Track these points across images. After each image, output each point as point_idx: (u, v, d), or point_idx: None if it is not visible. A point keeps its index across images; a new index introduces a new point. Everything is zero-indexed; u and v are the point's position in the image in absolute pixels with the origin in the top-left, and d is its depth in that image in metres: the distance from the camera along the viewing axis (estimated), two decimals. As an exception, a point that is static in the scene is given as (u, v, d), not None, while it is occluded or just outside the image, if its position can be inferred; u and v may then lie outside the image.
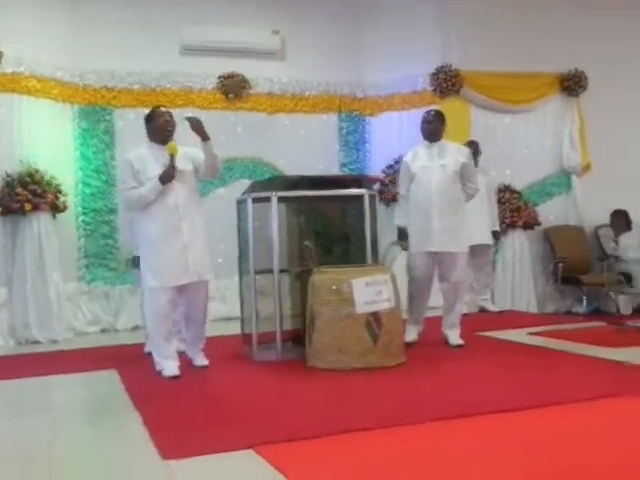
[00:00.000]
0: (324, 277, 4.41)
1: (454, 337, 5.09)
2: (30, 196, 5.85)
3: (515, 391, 3.66)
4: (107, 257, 6.67)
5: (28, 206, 5.83)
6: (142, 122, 6.65)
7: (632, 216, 7.43)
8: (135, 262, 5.10)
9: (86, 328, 6.43)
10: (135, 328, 6.44)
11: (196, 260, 4.33)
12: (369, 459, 2.72)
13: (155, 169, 4.28)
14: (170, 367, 4.28)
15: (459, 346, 5.03)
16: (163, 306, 4.27)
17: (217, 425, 3.23)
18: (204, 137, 4.35)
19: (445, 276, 5.06)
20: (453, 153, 5.05)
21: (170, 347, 4.35)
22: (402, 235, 5.08)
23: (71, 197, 6.43)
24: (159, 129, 4.37)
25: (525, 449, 2.76)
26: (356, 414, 3.30)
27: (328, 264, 4.58)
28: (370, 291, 4.30)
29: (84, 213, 6.64)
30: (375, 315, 4.29)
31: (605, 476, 2.41)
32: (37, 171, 6.03)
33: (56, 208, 6.06)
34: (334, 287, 4.34)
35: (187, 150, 4.44)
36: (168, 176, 4.25)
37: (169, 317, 4.33)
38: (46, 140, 6.33)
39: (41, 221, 5.97)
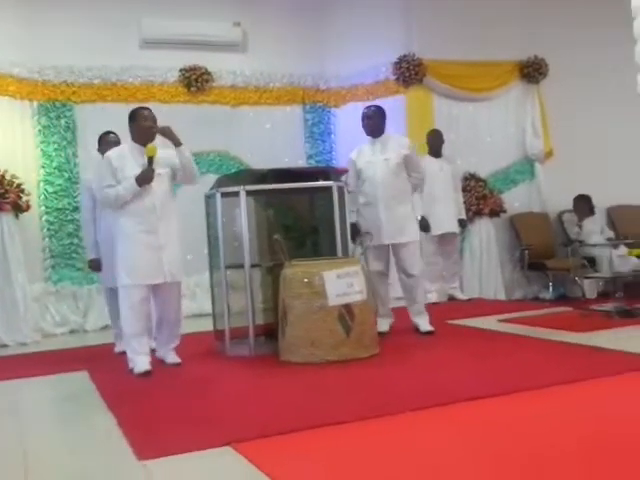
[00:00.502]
0: (295, 270, 4.40)
1: (424, 324, 5.16)
2: (-9, 196, 5.74)
3: (488, 378, 3.70)
4: (73, 257, 6.57)
5: (-11, 207, 5.72)
6: (103, 117, 6.72)
7: (594, 201, 7.54)
8: (90, 265, 5.09)
9: (54, 329, 6.32)
10: (104, 328, 6.35)
11: (170, 261, 4.37)
12: (347, 452, 2.72)
13: (133, 168, 4.29)
14: (142, 363, 4.29)
15: (430, 332, 5.09)
16: (136, 303, 4.28)
17: (192, 423, 3.20)
18: (176, 142, 4.39)
19: (401, 267, 5.15)
20: (395, 146, 5.18)
21: (142, 344, 4.36)
22: (354, 231, 5.13)
23: (34, 196, 6.31)
24: (140, 131, 4.38)
25: (501, 435, 2.79)
26: (332, 407, 3.30)
27: (298, 257, 4.57)
28: (342, 283, 4.30)
29: (47, 212, 6.52)
30: (347, 307, 4.29)
31: (578, 460, 2.44)
32: (-3, 170, 5.91)
33: (19, 208, 5.94)
34: (306, 280, 4.33)
35: (167, 153, 4.45)
36: (145, 178, 4.26)
37: (142, 314, 4.34)
38: (5, 138, 6.20)
39: (3, 221, 5.85)
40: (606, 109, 7.73)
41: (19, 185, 6.00)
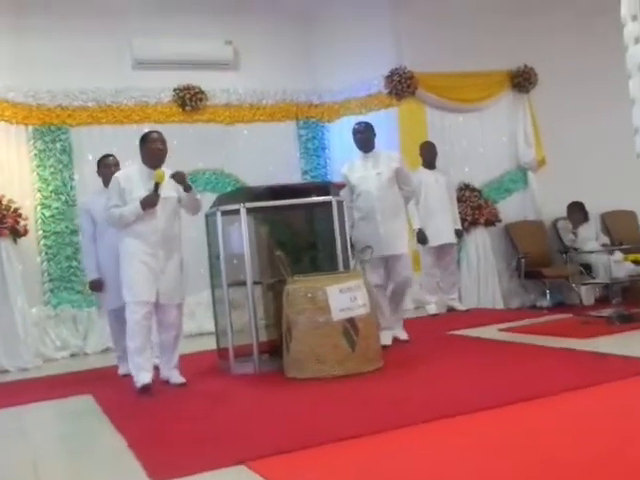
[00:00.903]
0: (298, 286, 4.41)
1: (402, 333, 5.38)
2: (-11, 222, 5.74)
3: (495, 388, 3.71)
4: (72, 280, 6.55)
5: (-12, 232, 5.71)
6: (99, 139, 6.74)
7: (588, 207, 7.60)
8: (92, 286, 5.10)
9: (55, 354, 6.29)
10: (105, 350, 6.35)
11: (164, 285, 4.42)
12: (363, 466, 2.73)
13: (140, 191, 4.37)
14: (143, 377, 4.34)
15: (405, 341, 5.33)
16: (139, 320, 4.33)
17: (204, 442, 3.20)
18: (186, 188, 4.48)
19: (393, 277, 5.25)
20: (386, 160, 5.31)
21: (144, 359, 4.40)
22: (351, 245, 5.16)
23: (31, 220, 6.31)
24: (150, 153, 4.47)
25: (512, 445, 2.80)
26: (344, 422, 3.30)
27: (300, 273, 4.58)
28: (345, 298, 4.32)
29: (45, 236, 6.52)
30: (351, 321, 4.30)
31: (589, 467, 2.45)
32: (-6, 196, 5.92)
33: (17, 232, 5.95)
34: (309, 295, 4.34)
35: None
36: (149, 203, 4.34)
37: (144, 330, 4.38)
38: (1, 163, 6.21)
39: (2, 246, 5.85)
40: (596, 116, 7.81)
41: (16, 210, 6.01)
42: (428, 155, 6.90)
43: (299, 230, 5.14)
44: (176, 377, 4.55)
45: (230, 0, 7.38)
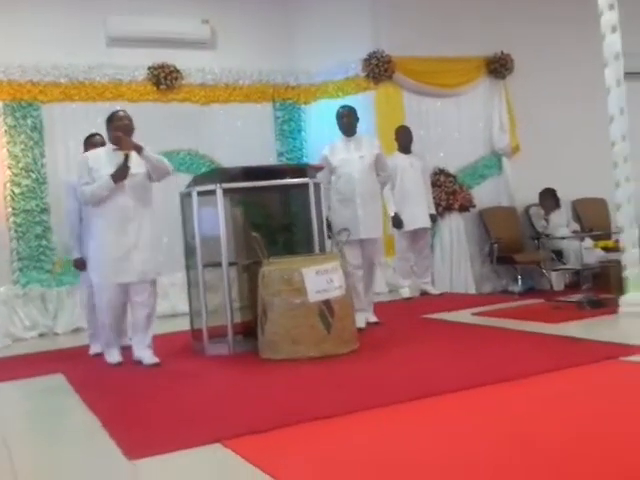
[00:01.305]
0: (274, 268, 4.40)
1: (371, 315, 5.41)
2: (-43, 198, 5.62)
3: (469, 370, 3.74)
4: (42, 259, 6.44)
5: (-45, 208, 5.59)
6: (71, 116, 6.63)
7: (560, 194, 7.69)
8: (75, 264, 5.07)
9: (24, 333, 6.18)
10: (75, 330, 6.29)
11: (141, 260, 4.45)
12: (337, 445, 2.74)
13: (108, 169, 4.39)
14: (113, 355, 4.55)
15: (376, 323, 5.37)
16: (108, 301, 4.48)
17: (179, 421, 3.18)
18: (137, 149, 4.42)
19: (368, 258, 5.33)
20: (368, 145, 5.39)
21: (114, 337, 4.60)
22: (327, 227, 5.20)
23: (0, 198, 6.18)
24: (117, 131, 4.46)
25: (486, 425, 2.83)
26: (318, 402, 3.31)
27: (276, 255, 4.56)
28: (321, 279, 4.31)
29: (15, 214, 6.39)
30: (327, 303, 4.30)
31: (561, 447, 2.49)
32: (-37, 172, 5.79)
33: (-15, 210, 5.82)
34: (285, 277, 4.33)
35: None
36: (120, 175, 4.36)
37: (115, 310, 4.54)
38: (-30, 139, 6.07)
39: (-30, 224, 5.73)
40: (570, 104, 7.90)
41: (-15, 186, 5.88)
42: (404, 139, 6.89)
43: (275, 212, 5.12)
44: (149, 357, 4.52)
45: (208, -22, 7.28)
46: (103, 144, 4.79)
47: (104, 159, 4.46)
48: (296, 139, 7.66)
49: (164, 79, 7.05)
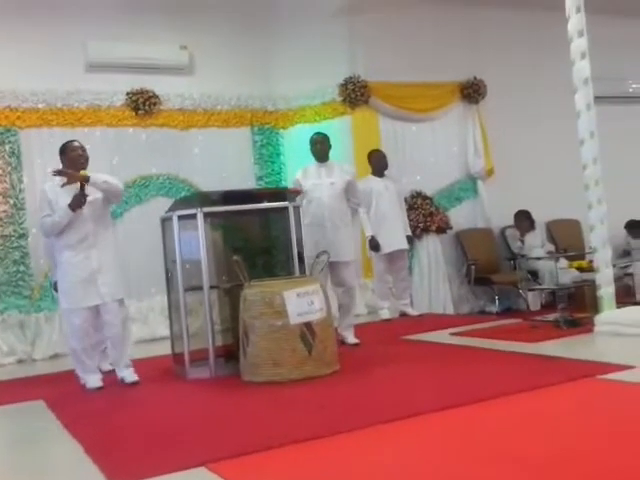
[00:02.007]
0: (255, 291, 4.43)
1: (351, 337, 5.51)
2: None
3: (449, 389, 3.80)
4: (20, 284, 6.38)
5: None
6: (49, 142, 6.63)
7: (534, 216, 7.81)
8: (54, 286, 5.12)
9: (1, 360, 6.10)
10: (54, 357, 6.23)
11: (106, 283, 4.59)
12: (321, 467, 2.76)
13: (66, 199, 4.51)
14: (93, 380, 4.57)
15: (356, 345, 5.43)
16: (79, 325, 4.54)
17: (163, 445, 3.19)
18: (84, 180, 4.49)
19: (340, 282, 5.46)
20: (339, 172, 5.57)
21: (91, 362, 4.65)
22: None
23: (-22, 223, 6.16)
24: (71, 162, 4.60)
25: (466, 444, 2.88)
26: (302, 424, 3.34)
27: (256, 278, 4.59)
28: (302, 302, 4.35)
29: (-8, 240, 6.36)
30: (308, 325, 4.34)
31: (540, 464, 2.54)
32: (-59, 197, 5.75)
33: (-36, 235, 5.78)
34: (266, 300, 4.36)
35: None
36: (77, 203, 4.49)
37: (87, 335, 4.59)
38: (-52, 165, 6.04)
39: (-52, 250, 5.68)
40: (542, 127, 8.07)
41: (-36, 212, 5.85)
42: (377, 163, 6.97)
43: (256, 235, 5.17)
44: (130, 376, 4.65)
45: (186, 5, 7.35)
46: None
47: (60, 190, 4.57)
48: (275, 163, 7.72)
49: (143, 104, 7.08)
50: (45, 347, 6.34)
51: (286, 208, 4.88)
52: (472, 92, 8.08)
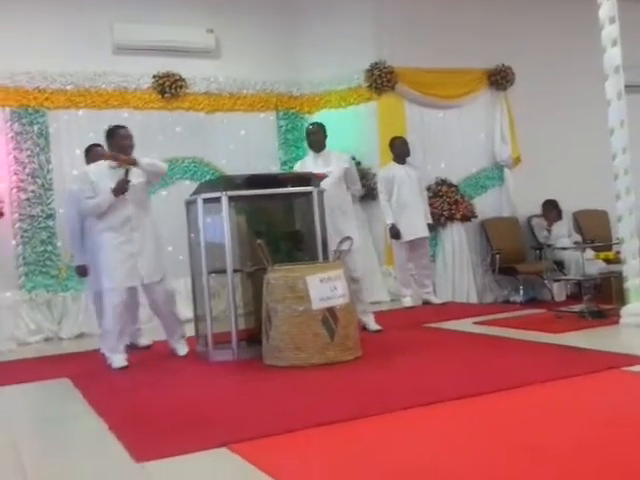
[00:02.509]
0: (278, 275, 4.44)
1: (372, 323, 5.45)
2: (-35, 203, 5.66)
3: (471, 377, 3.78)
4: (47, 264, 6.48)
5: (-37, 214, 5.64)
6: (76, 123, 6.69)
7: (561, 206, 7.74)
8: (79, 271, 5.32)
9: (28, 338, 6.21)
10: (80, 335, 6.32)
11: (145, 265, 4.77)
12: (343, 450, 2.77)
13: (109, 183, 4.66)
14: (119, 360, 4.67)
15: (378, 331, 5.38)
16: (117, 305, 4.66)
17: (185, 425, 3.22)
18: (132, 163, 4.70)
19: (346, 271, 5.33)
20: (335, 160, 5.57)
21: (120, 343, 4.76)
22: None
23: (6, 203, 6.23)
24: (119, 148, 4.76)
25: (490, 431, 2.87)
26: (323, 408, 3.35)
27: (279, 262, 4.60)
28: (325, 287, 4.35)
29: (21, 219, 6.43)
30: (331, 311, 4.34)
31: (566, 453, 2.53)
32: (-30, 177, 5.84)
33: (-7, 215, 5.87)
34: (289, 284, 4.36)
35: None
36: (120, 189, 4.65)
37: (121, 316, 4.71)
38: (-22, 145, 6.12)
39: (-23, 229, 5.78)
40: (571, 116, 7.96)
41: (-8, 192, 5.93)
42: (401, 150, 6.90)
43: (280, 219, 5.16)
44: (182, 348, 4.98)
45: (213, -12, 7.35)
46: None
47: (105, 173, 4.71)
48: (299, 148, 7.68)
49: (169, 87, 7.10)
50: (71, 326, 6.43)
51: (310, 193, 4.87)
52: (500, 79, 7.99)
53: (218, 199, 4.71)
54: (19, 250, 6.42)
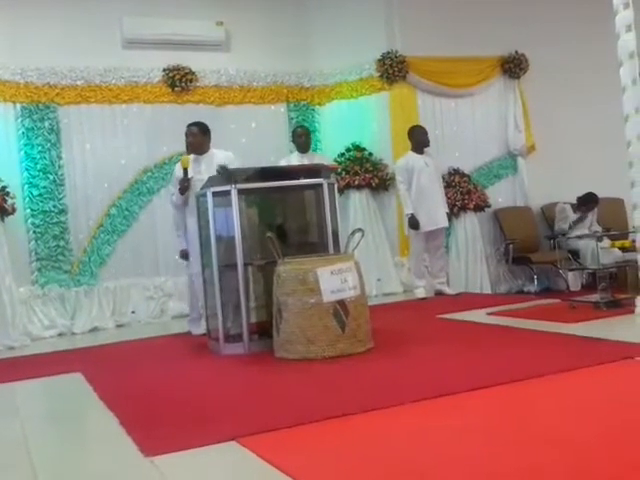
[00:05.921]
0: (289, 268, 4.41)
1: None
2: (-23, 200, 5.69)
3: (485, 369, 3.74)
4: (59, 259, 6.51)
5: (-24, 210, 5.66)
6: (87, 118, 6.70)
7: (576, 194, 7.63)
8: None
9: (42, 333, 6.24)
10: (93, 330, 6.34)
11: None
12: (354, 443, 2.74)
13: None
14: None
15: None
16: (201, 285, 5.13)
17: (195, 419, 3.21)
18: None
19: None
20: (319, 160, 6.00)
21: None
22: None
23: (18, 199, 6.26)
24: (187, 145, 5.53)
25: (504, 422, 2.84)
26: (334, 400, 3.32)
27: (290, 255, 4.58)
28: (336, 280, 4.32)
29: (33, 215, 6.46)
30: (342, 303, 4.31)
31: (582, 444, 2.49)
32: (-19, 174, 5.86)
33: (4, 211, 5.88)
34: (300, 277, 4.34)
35: (220, 157, 5.42)
36: (181, 188, 5.31)
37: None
38: (-11, 141, 6.14)
39: (-11, 224, 5.80)
40: (585, 103, 7.87)
41: (4, 188, 5.94)
42: (420, 139, 6.82)
43: (290, 212, 5.14)
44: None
45: (222, -19, 7.32)
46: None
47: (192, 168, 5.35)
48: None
49: (179, 81, 7.10)
50: (84, 321, 6.46)
51: (320, 185, 4.84)
52: (513, 67, 7.91)
53: (228, 192, 4.68)
54: (32, 246, 6.45)
